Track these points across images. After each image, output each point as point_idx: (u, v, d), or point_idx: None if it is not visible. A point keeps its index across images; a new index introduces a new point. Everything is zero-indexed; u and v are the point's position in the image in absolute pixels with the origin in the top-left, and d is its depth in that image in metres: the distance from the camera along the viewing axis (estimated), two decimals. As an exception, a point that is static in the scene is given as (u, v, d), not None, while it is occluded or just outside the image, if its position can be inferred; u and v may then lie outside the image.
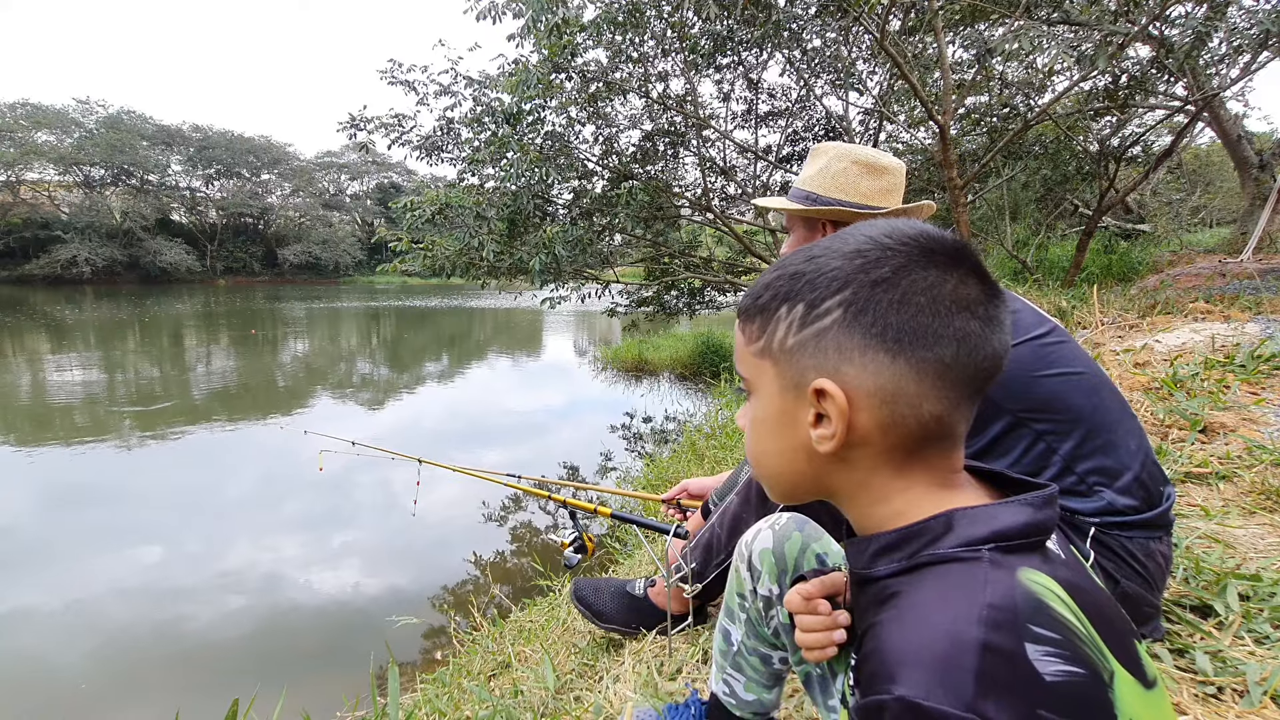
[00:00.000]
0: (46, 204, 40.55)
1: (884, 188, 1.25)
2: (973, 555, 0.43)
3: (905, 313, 0.46)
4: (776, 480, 0.56)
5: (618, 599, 1.47)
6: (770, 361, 0.52)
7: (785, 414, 0.52)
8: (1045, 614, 0.39)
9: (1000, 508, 0.46)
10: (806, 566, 0.83)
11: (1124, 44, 4.68)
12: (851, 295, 0.47)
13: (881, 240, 0.47)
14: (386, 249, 6.99)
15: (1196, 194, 15.52)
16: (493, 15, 5.52)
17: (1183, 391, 2.34)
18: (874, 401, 0.47)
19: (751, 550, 0.88)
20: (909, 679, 0.38)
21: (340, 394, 9.59)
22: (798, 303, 0.49)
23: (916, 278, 0.46)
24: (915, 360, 0.46)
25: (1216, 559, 1.27)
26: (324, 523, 4.81)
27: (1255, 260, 6.21)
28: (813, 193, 1.27)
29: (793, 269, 0.51)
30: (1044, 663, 0.37)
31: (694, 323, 11.25)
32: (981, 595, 0.40)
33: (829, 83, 7.39)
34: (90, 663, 3.15)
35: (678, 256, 8.32)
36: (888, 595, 0.46)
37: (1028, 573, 0.42)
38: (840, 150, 1.27)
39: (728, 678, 0.95)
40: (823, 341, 0.48)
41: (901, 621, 0.43)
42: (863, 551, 0.51)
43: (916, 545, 0.47)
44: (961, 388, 0.47)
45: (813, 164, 1.30)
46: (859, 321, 0.46)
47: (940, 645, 0.39)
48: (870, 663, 0.43)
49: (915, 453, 0.48)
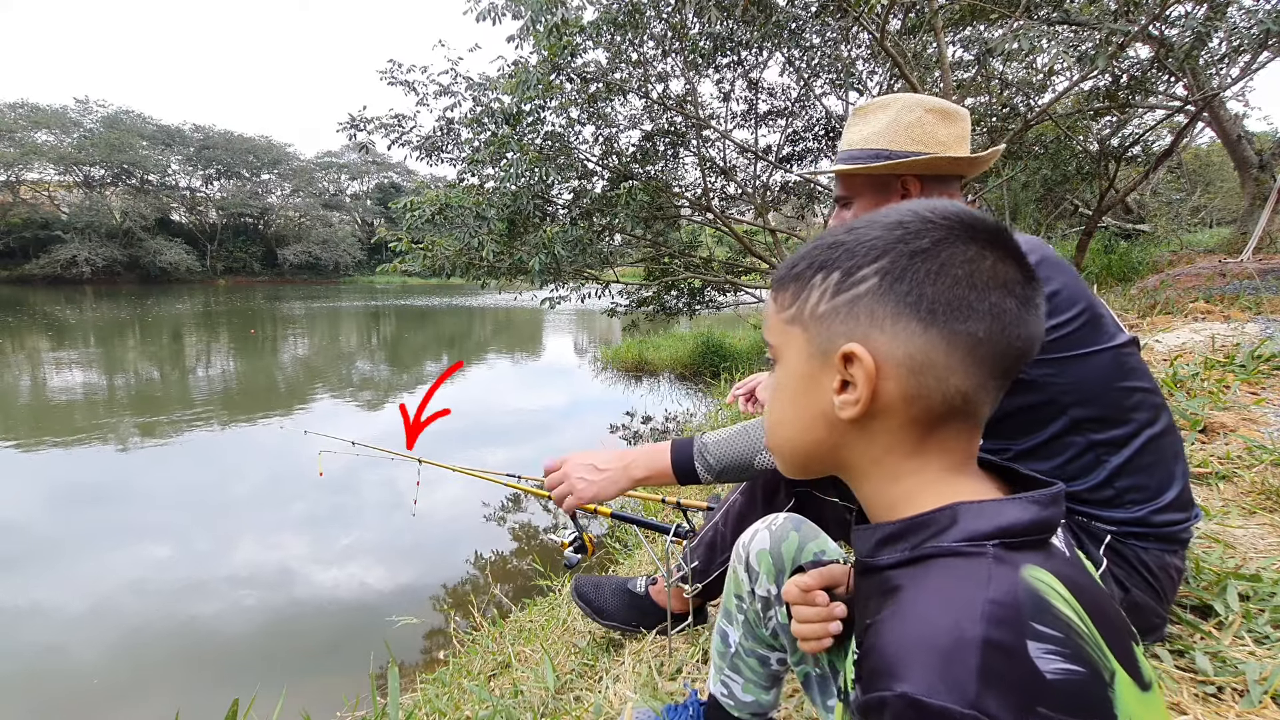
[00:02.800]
0: (46, 204, 40.59)
1: (959, 134, 1.15)
2: (976, 550, 0.43)
3: (942, 283, 0.46)
4: (791, 448, 0.56)
5: (619, 596, 1.47)
6: (800, 328, 0.52)
7: (809, 380, 0.52)
8: (1047, 611, 0.39)
9: (1007, 504, 0.46)
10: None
11: (1124, 44, 4.67)
12: (889, 264, 0.47)
13: (924, 214, 0.47)
14: (386, 249, 6.98)
15: (1196, 194, 15.53)
16: (492, 16, 5.52)
17: (1183, 391, 2.34)
18: (901, 370, 0.47)
19: (749, 551, 0.88)
20: (911, 675, 0.38)
21: (340, 394, 9.59)
22: (833, 270, 0.49)
23: (956, 251, 0.46)
24: (947, 332, 0.46)
25: (1216, 559, 1.27)
26: (324, 523, 4.81)
27: (1255, 260, 6.21)
28: (884, 149, 1.14)
29: (831, 239, 0.51)
30: (1045, 660, 0.37)
31: (694, 323, 11.23)
32: (984, 591, 0.40)
33: (829, 82, 7.39)
34: (90, 661, 3.15)
35: (678, 256, 8.32)
36: (890, 588, 0.46)
37: (1031, 569, 0.42)
38: (908, 100, 1.15)
39: (726, 679, 0.95)
40: (855, 308, 0.48)
41: (903, 617, 0.43)
42: (868, 539, 0.51)
43: (920, 536, 0.46)
44: (990, 365, 0.47)
45: (876, 118, 1.16)
46: (894, 289, 0.46)
47: (942, 641, 0.39)
48: (871, 658, 0.43)
49: (935, 430, 0.48)
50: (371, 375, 11.51)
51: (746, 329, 11.13)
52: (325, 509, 5.04)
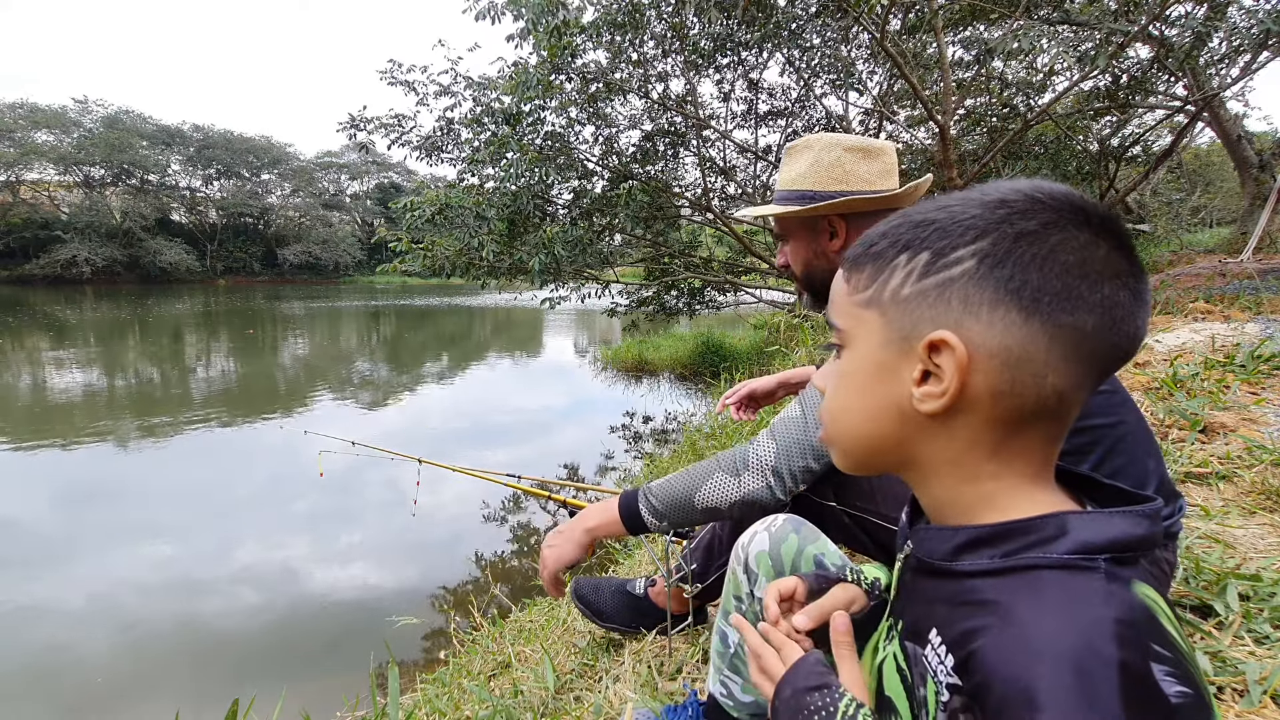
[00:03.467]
0: (46, 204, 40.60)
1: (882, 169, 1.16)
2: (1089, 564, 0.40)
3: (1050, 270, 0.41)
4: (855, 441, 0.51)
5: (618, 598, 1.47)
6: (877, 311, 0.47)
7: (884, 368, 0.47)
8: (1161, 632, 0.38)
9: (1117, 516, 0.43)
10: (804, 569, 0.82)
11: (1124, 44, 4.68)
12: (990, 246, 0.42)
13: (1030, 193, 0.43)
14: (386, 249, 7.00)
15: (1196, 194, 15.53)
16: (492, 16, 5.53)
17: (1183, 391, 2.34)
18: (995, 363, 0.42)
19: (748, 553, 0.88)
20: (1052, 704, 0.35)
21: (340, 394, 9.59)
22: (922, 250, 0.45)
23: (1067, 236, 0.41)
24: (1052, 324, 0.41)
25: (1216, 559, 1.27)
26: (324, 523, 4.81)
27: (1255, 260, 6.21)
28: (808, 190, 1.17)
29: (920, 216, 0.46)
30: (1166, 683, 0.35)
31: (694, 323, 11.23)
32: (1107, 609, 0.37)
33: (829, 83, 7.39)
34: (90, 660, 3.15)
35: (678, 256, 8.33)
36: (980, 599, 0.43)
37: (1141, 586, 0.39)
38: (826, 140, 1.16)
39: (725, 679, 0.95)
40: (947, 292, 0.44)
41: (1023, 636, 0.38)
42: (944, 540, 0.47)
43: (1018, 544, 0.43)
44: (1093, 364, 0.43)
45: (798, 160, 1.19)
46: (994, 274, 0.42)
47: (1082, 665, 0.36)
48: (994, 688, 0.38)
49: (1019, 432, 0.45)
50: (372, 375, 11.51)
51: (746, 329, 11.13)
52: (325, 509, 5.04)
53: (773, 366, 6.26)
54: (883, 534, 1.11)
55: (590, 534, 1.16)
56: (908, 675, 0.49)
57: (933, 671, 0.44)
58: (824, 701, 0.54)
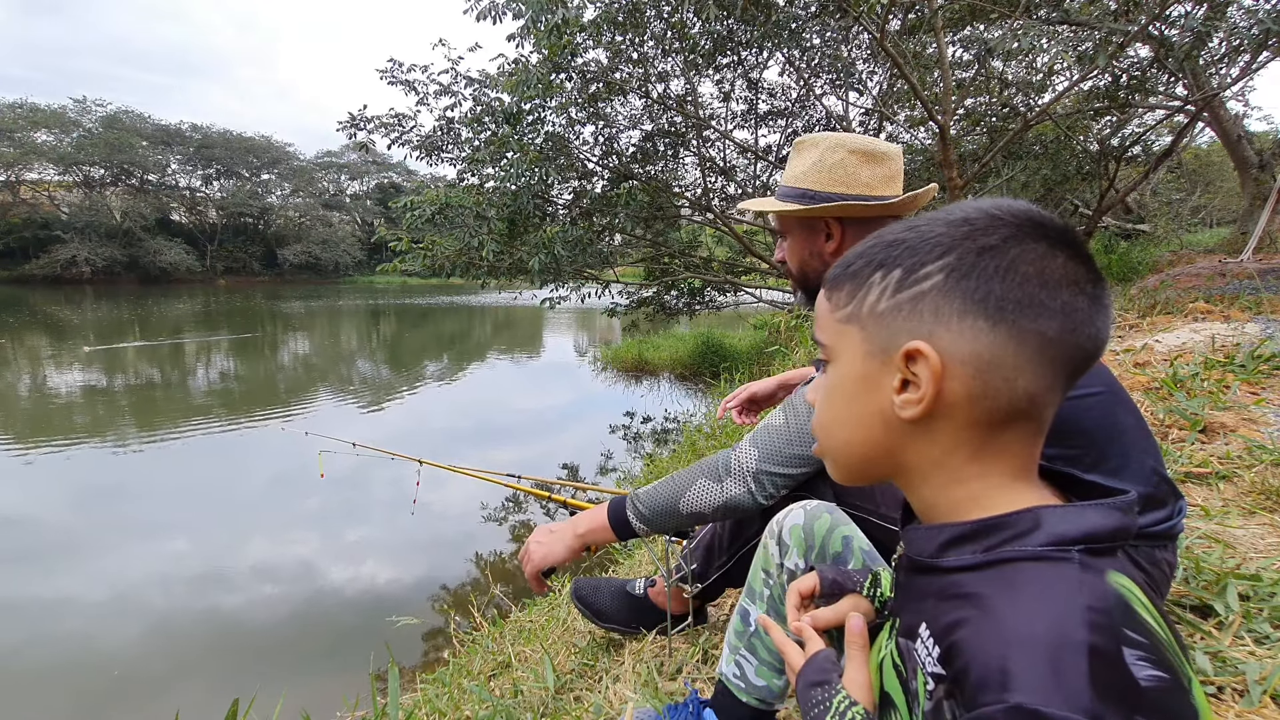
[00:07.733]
0: (46, 204, 40.61)
1: (886, 175, 1.14)
2: (1063, 555, 0.42)
3: (1011, 281, 0.44)
4: (846, 451, 0.54)
5: (618, 598, 1.47)
6: (857, 326, 0.51)
7: (867, 379, 0.50)
8: (1135, 618, 0.39)
9: (1089, 509, 0.45)
10: (833, 548, 0.86)
11: (1124, 44, 4.68)
12: (956, 260, 0.46)
13: (990, 211, 0.46)
14: (386, 249, 7.01)
15: (1196, 194, 15.54)
16: (493, 15, 5.53)
17: (1183, 391, 2.34)
18: (967, 370, 0.45)
19: (782, 526, 0.91)
20: (1022, 685, 0.37)
21: (341, 394, 9.59)
22: (894, 268, 0.48)
23: (1026, 248, 0.45)
24: (1017, 330, 0.44)
25: (1216, 559, 1.27)
26: (325, 523, 4.81)
27: (1255, 260, 6.21)
28: (809, 189, 1.15)
29: (891, 237, 0.49)
30: (1138, 667, 0.37)
31: (694, 323, 11.23)
32: (1079, 597, 0.39)
33: (829, 83, 7.39)
34: (90, 659, 3.15)
35: (678, 256, 8.33)
36: (963, 593, 0.45)
37: (1115, 575, 0.41)
38: (833, 140, 1.14)
39: (740, 659, 0.96)
40: (919, 305, 0.47)
41: (999, 624, 0.41)
42: (930, 539, 0.49)
43: (997, 539, 0.45)
44: (1060, 366, 0.45)
45: (804, 157, 1.17)
46: (960, 286, 0.45)
47: (1050, 649, 0.37)
48: (969, 669, 0.41)
49: (998, 433, 0.47)
50: (372, 375, 11.51)
51: (746, 329, 11.13)
52: (326, 509, 5.04)
53: (773, 366, 6.26)
54: (884, 534, 1.11)
55: (581, 539, 1.19)
56: (903, 670, 0.51)
57: (922, 664, 0.47)
58: (822, 696, 0.59)
